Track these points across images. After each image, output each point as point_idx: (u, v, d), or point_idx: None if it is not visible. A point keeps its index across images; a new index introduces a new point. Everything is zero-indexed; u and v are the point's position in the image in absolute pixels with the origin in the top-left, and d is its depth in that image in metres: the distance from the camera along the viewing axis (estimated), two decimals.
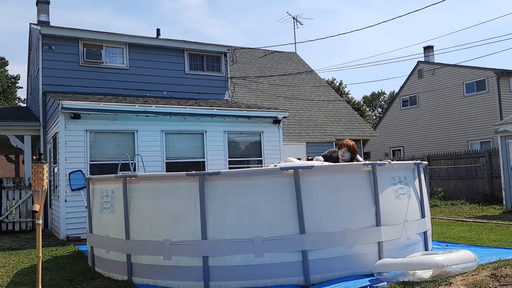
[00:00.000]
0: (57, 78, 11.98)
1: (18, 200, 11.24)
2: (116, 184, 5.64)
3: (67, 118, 9.51)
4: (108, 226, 5.79)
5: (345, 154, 6.09)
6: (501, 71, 21.59)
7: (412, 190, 5.85)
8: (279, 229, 4.89)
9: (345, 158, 6.09)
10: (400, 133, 26.96)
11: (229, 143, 11.25)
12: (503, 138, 12.27)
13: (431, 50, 26.19)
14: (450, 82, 23.78)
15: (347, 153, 6.08)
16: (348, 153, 6.08)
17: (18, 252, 8.04)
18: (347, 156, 6.08)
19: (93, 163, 9.68)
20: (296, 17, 22.72)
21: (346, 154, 6.09)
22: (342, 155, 6.10)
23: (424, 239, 5.96)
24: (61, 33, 12.09)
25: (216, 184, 5.00)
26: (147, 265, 5.22)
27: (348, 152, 6.08)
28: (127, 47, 12.89)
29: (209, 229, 4.91)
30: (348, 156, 6.08)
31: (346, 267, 5.02)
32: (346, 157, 6.08)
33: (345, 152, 6.09)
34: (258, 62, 20.51)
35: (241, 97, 17.08)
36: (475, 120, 22.40)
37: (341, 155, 6.11)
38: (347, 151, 6.08)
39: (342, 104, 20.01)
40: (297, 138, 16.16)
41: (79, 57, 12.27)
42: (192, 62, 13.88)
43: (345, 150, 6.08)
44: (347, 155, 6.08)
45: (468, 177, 15.95)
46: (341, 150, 6.13)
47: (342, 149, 6.12)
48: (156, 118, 10.35)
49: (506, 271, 4.59)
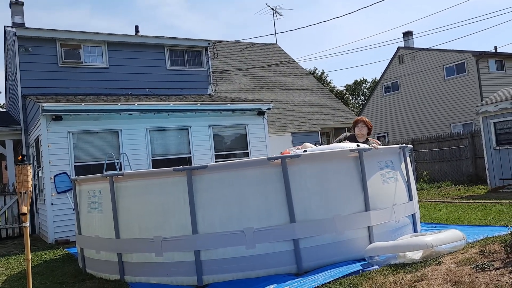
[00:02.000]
0: (36, 80, 11.78)
1: (3, 206, 11.05)
2: (103, 184, 5.58)
3: (49, 120, 9.36)
4: (97, 226, 5.73)
5: (363, 128, 6.21)
6: (479, 53, 21.88)
7: (399, 173, 5.90)
8: (269, 219, 4.90)
9: (363, 132, 6.21)
10: (384, 119, 27.21)
11: (215, 137, 11.21)
12: (484, 119, 12.47)
13: (410, 35, 26.41)
14: (430, 66, 24.03)
15: (364, 128, 6.21)
16: (365, 127, 6.22)
17: (6, 258, 7.91)
18: (365, 130, 6.21)
19: (78, 164, 9.56)
20: (275, 8, 22.70)
21: (363, 128, 6.21)
22: (360, 129, 6.22)
23: (412, 221, 6.03)
24: (37, 34, 11.86)
25: (204, 177, 4.98)
26: (139, 263, 5.18)
27: (365, 126, 6.21)
28: (106, 45, 12.71)
29: (199, 223, 4.90)
30: (366, 131, 6.22)
31: (337, 253, 5.06)
32: (364, 131, 6.21)
33: (362, 127, 6.21)
34: (239, 55, 20.44)
35: (224, 90, 17.02)
36: (457, 103, 22.70)
37: (359, 130, 6.23)
38: (364, 125, 6.22)
39: (325, 93, 20.08)
40: (282, 129, 16.18)
41: (57, 58, 12.06)
42: (173, 58, 13.76)
43: (362, 124, 6.22)
44: (364, 129, 6.21)
45: (452, 159, 16.19)
46: (358, 125, 6.25)
47: (358, 125, 6.25)
48: (139, 116, 10.25)
49: (494, 247, 4.67)
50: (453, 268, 4.21)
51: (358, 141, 6.11)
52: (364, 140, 6.17)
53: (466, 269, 4.10)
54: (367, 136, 6.27)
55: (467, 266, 4.18)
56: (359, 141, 6.06)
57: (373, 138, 7.01)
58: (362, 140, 6.17)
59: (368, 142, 6.10)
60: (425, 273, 4.15)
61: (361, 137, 6.21)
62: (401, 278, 4.11)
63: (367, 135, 6.27)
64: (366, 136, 6.24)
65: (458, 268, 4.17)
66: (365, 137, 6.23)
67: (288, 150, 6.03)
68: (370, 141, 6.15)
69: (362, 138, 6.20)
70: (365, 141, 6.16)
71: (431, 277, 4.04)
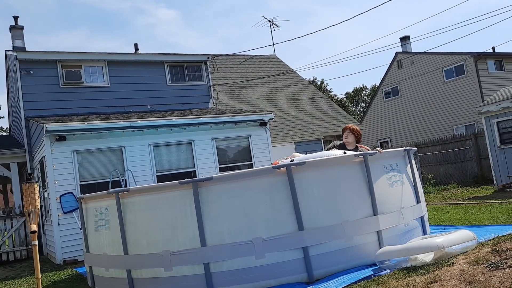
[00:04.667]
0: (38, 102, 11.85)
1: (10, 229, 11.04)
2: (109, 201, 5.57)
3: (53, 141, 9.40)
4: (105, 243, 5.71)
5: (349, 136, 6.20)
6: (478, 54, 21.91)
7: (405, 176, 5.88)
8: (278, 228, 4.87)
9: (349, 140, 6.18)
10: (386, 124, 27.18)
11: (218, 150, 11.21)
12: (487, 119, 12.44)
13: (408, 40, 26.48)
14: (430, 69, 24.07)
15: (350, 136, 6.19)
16: (351, 135, 6.19)
17: (15, 281, 7.88)
18: (351, 138, 6.18)
19: (83, 183, 9.56)
20: (272, 20, 22.81)
21: (349, 136, 6.19)
22: (346, 137, 6.21)
23: (421, 224, 5.99)
24: (38, 56, 11.97)
25: (210, 189, 4.97)
26: (148, 279, 5.15)
27: (351, 134, 6.19)
28: (106, 64, 12.81)
29: (207, 236, 4.87)
30: (352, 139, 6.18)
31: (348, 260, 5.02)
32: (350, 139, 6.18)
33: (348, 135, 6.20)
34: (238, 68, 20.54)
35: (225, 103, 17.07)
36: (458, 105, 22.68)
37: (345, 137, 6.22)
38: (350, 133, 6.19)
39: (326, 101, 20.11)
40: (285, 138, 16.18)
41: (58, 79, 12.15)
42: (173, 74, 13.84)
43: (348, 132, 6.21)
44: (350, 137, 6.19)
45: (457, 161, 16.12)
46: (345, 133, 6.25)
47: (345, 132, 6.25)
48: (142, 132, 10.28)
49: (506, 245, 4.63)
50: (466, 268, 4.16)
51: (347, 148, 6.11)
52: (354, 148, 6.16)
53: (480, 269, 4.05)
54: (356, 143, 6.25)
55: (480, 266, 4.13)
56: (348, 149, 6.06)
57: (377, 145, 7.00)
58: (351, 147, 6.16)
59: (358, 149, 6.09)
60: (438, 275, 4.11)
61: (349, 144, 6.20)
62: (414, 281, 4.07)
63: (357, 142, 6.24)
64: (354, 144, 6.22)
65: (471, 268, 4.12)
66: (354, 145, 6.21)
67: (277, 160, 6.01)
68: (359, 148, 6.15)
69: (350, 146, 6.18)
70: (354, 148, 6.15)
71: (445, 278, 4.00)
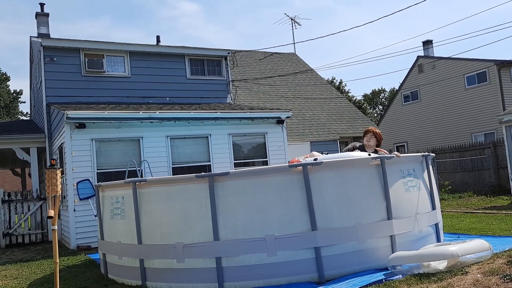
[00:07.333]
0: (60, 89, 12.04)
1: (26, 212, 11.27)
2: (126, 190, 5.65)
3: (72, 128, 9.55)
4: (119, 232, 5.79)
5: (371, 139, 6.24)
6: (502, 62, 21.53)
7: (421, 182, 5.83)
8: (291, 226, 4.89)
9: (371, 143, 6.23)
10: (403, 128, 26.91)
11: (234, 145, 11.25)
12: (508, 128, 12.24)
13: (430, 44, 26.16)
14: (451, 75, 23.74)
15: (372, 139, 6.24)
16: (374, 138, 6.24)
17: (29, 263, 8.05)
18: (373, 141, 6.23)
19: (100, 171, 9.70)
20: (294, 18, 22.77)
21: (371, 139, 6.24)
22: (368, 140, 6.26)
23: (436, 231, 5.94)
24: (62, 44, 12.15)
25: (226, 184, 5.00)
26: (161, 269, 5.22)
27: (374, 137, 6.24)
28: (128, 55, 12.94)
29: (220, 230, 4.91)
30: (374, 142, 6.23)
31: (359, 262, 5.01)
32: (372, 142, 6.23)
33: (370, 138, 6.25)
34: (258, 64, 20.54)
35: (243, 99, 17.10)
36: (478, 112, 22.33)
37: (367, 140, 6.27)
38: (373, 136, 6.25)
39: (344, 102, 20.00)
40: (301, 137, 16.15)
41: (81, 67, 12.32)
42: (193, 67, 13.92)
43: (371, 135, 6.26)
44: (372, 140, 6.23)
45: (474, 169, 15.90)
46: (367, 136, 6.30)
47: (367, 135, 6.29)
48: (160, 124, 10.37)
49: None
50: (480, 278, 4.12)
51: (367, 151, 6.10)
52: (373, 151, 6.15)
53: (494, 279, 4.01)
54: (376, 147, 6.27)
55: (495, 276, 4.09)
56: (368, 151, 6.06)
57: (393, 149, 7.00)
58: (370, 150, 6.17)
59: (377, 153, 6.07)
60: (451, 283, 4.08)
61: (369, 147, 6.24)
62: None
63: (377, 146, 6.27)
64: (374, 147, 6.24)
65: (485, 278, 4.08)
66: (374, 148, 6.24)
67: (296, 158, 6.01)
68: (379, 152, 6.13)
69: (370, 149, 6.21)
70: (373, 152, 6.14)
71: (457, 286, 3.97)
